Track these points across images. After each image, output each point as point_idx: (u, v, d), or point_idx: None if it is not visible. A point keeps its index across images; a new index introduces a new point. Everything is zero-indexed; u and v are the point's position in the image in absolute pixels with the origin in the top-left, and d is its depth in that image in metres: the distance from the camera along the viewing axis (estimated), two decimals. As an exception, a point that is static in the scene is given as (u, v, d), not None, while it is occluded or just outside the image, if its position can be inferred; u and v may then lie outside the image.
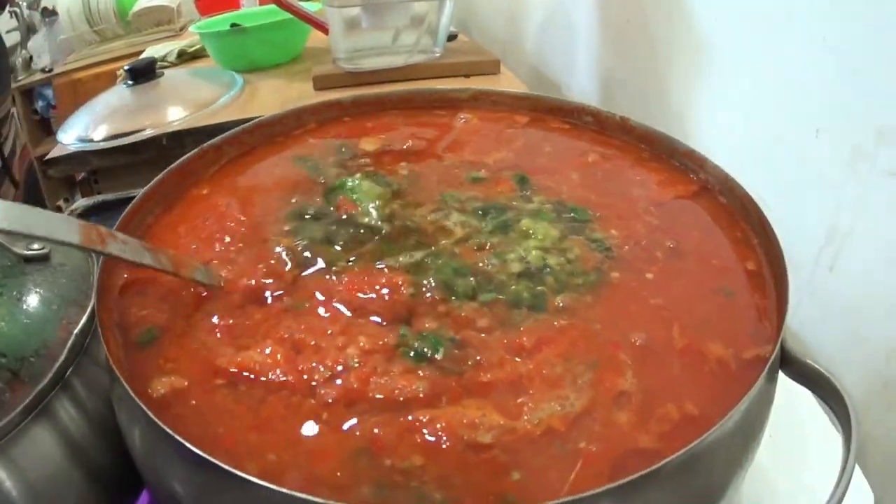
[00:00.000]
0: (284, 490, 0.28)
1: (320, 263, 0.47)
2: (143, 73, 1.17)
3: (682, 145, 0.54)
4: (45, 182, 2.25)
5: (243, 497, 0.29)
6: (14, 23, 2.26)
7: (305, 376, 0.38)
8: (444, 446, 0.35)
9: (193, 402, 0.38)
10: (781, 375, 0.40)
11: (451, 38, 1.25)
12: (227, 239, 0.50)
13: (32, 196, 1.13)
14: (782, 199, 0.61)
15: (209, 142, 0.58)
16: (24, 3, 2.39)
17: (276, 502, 0.28)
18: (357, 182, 0.54)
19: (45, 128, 2.55)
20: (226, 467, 0.28)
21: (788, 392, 0.55)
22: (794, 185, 0.67)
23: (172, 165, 0.54)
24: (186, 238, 0.51)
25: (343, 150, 0.62)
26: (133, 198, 0.50)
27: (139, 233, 0.50)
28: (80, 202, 1.04)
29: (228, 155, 0.60)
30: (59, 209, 2.28)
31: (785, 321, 0.38)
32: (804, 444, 0.54)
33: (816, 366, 0.38)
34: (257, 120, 0.63)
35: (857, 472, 0.51)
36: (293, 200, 0.54)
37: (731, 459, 0.35)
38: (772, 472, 0.53)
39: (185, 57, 1.48)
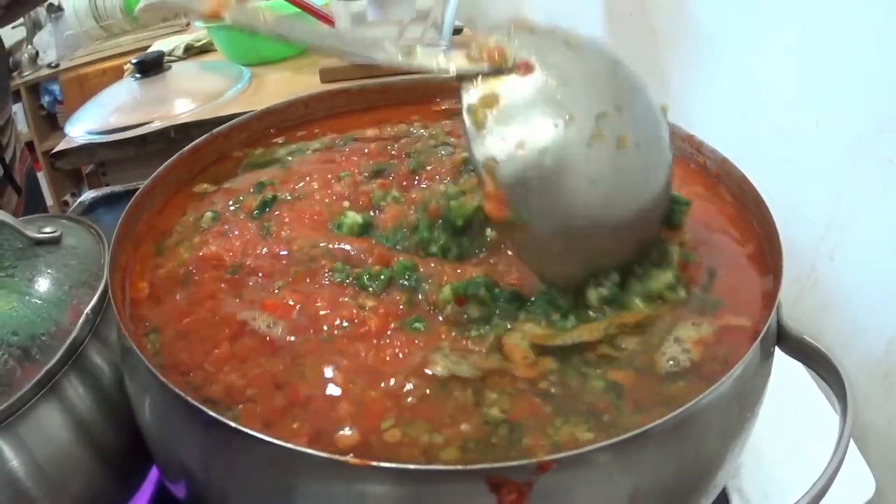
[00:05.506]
0: (291, 446, 0.28)
1: None
2: (152, 66, 1.18)
3: (680, 130, 0.55)
4: (51, 176, 2.27)
5: (251, 454, 0.30)
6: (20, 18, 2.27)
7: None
8: None
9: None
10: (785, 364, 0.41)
11: (457, 32, 1.25)
12: None
13: (33, 199, 1.13)
14: (782, 190, 0.60)
15: (218, 128, 0.59)
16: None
17: (282, 459, 0.29)
18: None
19: (52, 122, 2.56)
20: (233, 425, 0.29)
21: (794, 380, 0.56)
22: (795, 175, 0.67)
23: (184, 150, 0.56)
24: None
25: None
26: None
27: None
28: (89, 193, 1.04)
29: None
30: (65, 203, 2.30)
31: (778, 298, 0.39)
32: (806, 431, 0.54)
33: (811, 341, 0.39)
34: (265, 108, 0.63)
35: (860, 460, 0.52)
36: None
37: (725, 428, 0.35)
38: (771, 455, 0.54)
39: (192, 51, 1.48)
